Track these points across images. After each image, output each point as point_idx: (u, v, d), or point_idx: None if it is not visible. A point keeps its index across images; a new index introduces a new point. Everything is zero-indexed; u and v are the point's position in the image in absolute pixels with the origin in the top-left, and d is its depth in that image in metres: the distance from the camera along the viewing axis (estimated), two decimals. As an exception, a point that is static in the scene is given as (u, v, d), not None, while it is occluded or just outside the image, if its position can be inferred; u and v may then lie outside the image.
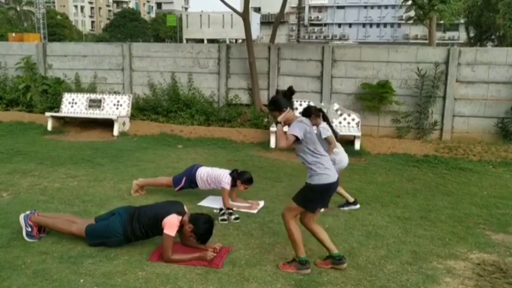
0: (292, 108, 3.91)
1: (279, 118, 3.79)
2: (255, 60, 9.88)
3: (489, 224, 5.01)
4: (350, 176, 6.87)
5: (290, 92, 3.89)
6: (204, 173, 5.41)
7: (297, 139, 3.71)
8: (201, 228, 3.94)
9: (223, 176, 5.27)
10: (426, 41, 15.59)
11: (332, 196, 4.09)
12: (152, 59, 10.72)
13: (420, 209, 5.47)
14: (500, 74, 8.81)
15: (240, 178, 5.25)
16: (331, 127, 5.20)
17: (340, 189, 5.23)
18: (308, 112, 5.04)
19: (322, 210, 4.57)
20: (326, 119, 5.20)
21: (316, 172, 3.73)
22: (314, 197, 3.80)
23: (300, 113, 5.15)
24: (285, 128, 3.84)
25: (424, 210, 5.42)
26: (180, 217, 3.94)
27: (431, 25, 11.63)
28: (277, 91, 4.01)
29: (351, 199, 5.41)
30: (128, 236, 4.03)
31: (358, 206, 5.42)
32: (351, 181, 6.62)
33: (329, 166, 3.81)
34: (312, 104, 7.26)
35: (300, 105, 9.15)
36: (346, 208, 5.34)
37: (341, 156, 5.43)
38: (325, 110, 5.37)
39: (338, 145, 5.38)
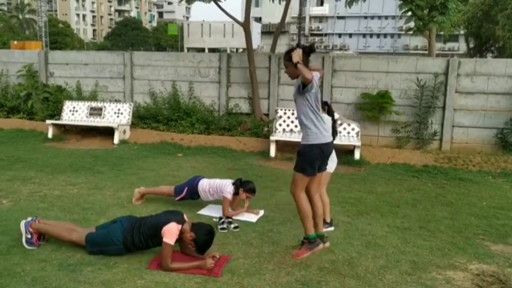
0: (307, 65, 3.90)
1: (294, 59, 3.78)
2: (255, 69, 9.94)
3: (489, 235, 5.01)
4: (349, 186, 6.89)
5: (310, 48, 3.92)
6: (206, 184, 5.43)
7: (304, 87, 3.81)
8: (202, 238, 3.96)
9: (225, 185, 5.28)
10: (426, 52, 15.69)
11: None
12: (153, 68, 10.77)
13: (419, 219, 5.47)
14: (500, 85, 8.86)
15: (244, 187, 5.27)
16: (334, 124, 5.17)
17: (326, 204, 4.89)
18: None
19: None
20: (331, 114, 5.19)
21: (311, 131, 3.86)
22: (311, 158, 3.88)
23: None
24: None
25: (424, 220, 5.42)
26: (180, 226, 3.95)
27: (431, 36, 11.71)
28: (298, 44, 4.02)
29: (328, 219, 4.95)
30: (127, 245, 4.03)
31: (332, 228, 4.96)
32: (350, 190, 6.63)
33: (326, 129, 3.93)
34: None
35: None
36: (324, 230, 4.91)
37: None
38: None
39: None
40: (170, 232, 3.87)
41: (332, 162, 5.30)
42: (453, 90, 9.01)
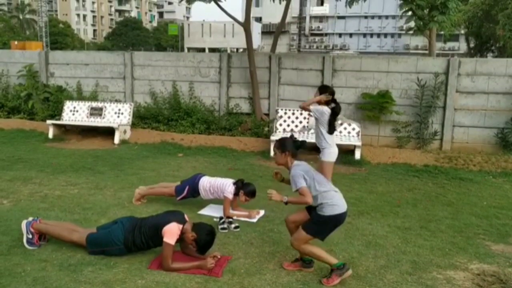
0: (295, 157, 4.04)
1: (276, 199, 3.92)
2: (256, 69, 9.94)
3: (489, 235, 5.01)
4: (350, 186, 6.89)
5: (301, 144, 4.08)
6: (206, 182, 5.43)
7: None
8: (203, 238, 3.97)
9: (226, 185, 5.28)
10: (427, 52, 15.67)
11: None
12: (154, 68, 10.78)
13: (420, 219, 5.47)
14: (500, 85, 8.85)
15: (244, 189, 5.26)
16: (334, 119, 5.26)
17: None
18: (323, 90, 5.43)
19: None
20: (336, 112, 5.25)
21: (327, 203, 3.78)
22: (327, 228, 3.86)
23: (318, 88, 5.62)
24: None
25: (424, 220, 5.41)
26: (180, 226, 3.95)
27: (431, 35, 11.70)
28: (291, 136, 4.20)
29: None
30: (128, 245, 4.04)
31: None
32: (351, 190, 6.62)
33: (338, 198, 3.87)
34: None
35: (301, 114, 9.20)
36: None
37: (331, 148, 5.44)
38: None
39: (331, 138, 5.45)
40: (171, 232, 3.88)
41: (334, 153, 5.37)
42: (453, 89, 9.00)
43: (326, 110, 5.37)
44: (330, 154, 5.48)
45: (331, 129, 5.44)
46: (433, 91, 8.96)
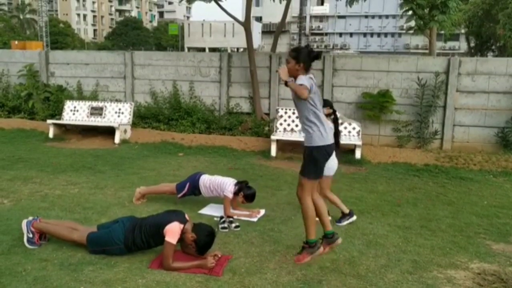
0: (308, 69, 3.95)
1: (281, 76, 3.87)
2: (256, 69, 9.94)
3: (490, 234, 5.00)
4: (350, 185, 6.89)
5: (315, 55, 3.96)
6: (207, 180, 5.43)
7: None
8: (203, 239, 3.98)
9: (227, 184, 5.28)
10: (427, 51, 15.67)
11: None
12: (154, 68, 10.78)
13: (420, 218, 5.47)
14: (500, 84, 8.85)
15: (244, 191, 5.26)
16: (336, 132, 5.20)
17: (335, 199, 5.20)
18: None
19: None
20: (335, 121, 5.22)
21: (315, 133, 3.87)
22: (318, 160, 3.93)
23: None
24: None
25: (425, 219, 5.41)
26: (182, 225, 3.95)
27: (431, 35, 11.69)
28: (307, 46, 4.12)
29: (347, 210, 5.21)
30: (128, 244, 4.03)
31: (354, 217, 5.26)
32: (351, 190, 6.62)
33: (328, 131, 3.95)
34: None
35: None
36: (344, 223, 5.14)
37: (331, 162, 5.34)
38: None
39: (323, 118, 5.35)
40: (173, 232, 3.88)
41: (333, 167, 5.33)
42: (454, 89, 9.00)
43: (331, 125, 5.26)
44: (329, 169, 5.37)
45: (337, 135, 5.34)
46: (434, 90, 8.96)
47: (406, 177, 7.52)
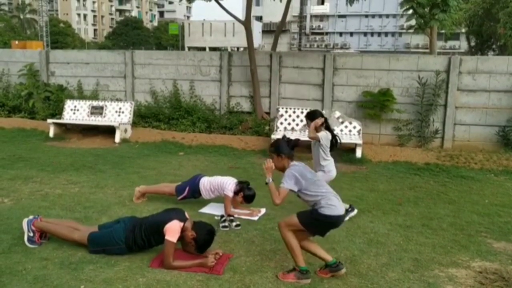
0: (292, 158, 3.98)
1: (271, 165, 3.91)
2: (256, 68, 9.92)
3: (491, 232, 4.99)
4: (351, 184, 6.88)
5: (294, 143, 4.03)
6: (207, 182, 5.43)
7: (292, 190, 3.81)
8: (202, 238, 3.98)
9: (227, 183, 5.28)
10: (427, 50, 15.66)
11: None
12: (154, 67, 10.77)
13: (421, 217, 5.46)
14: (501, 83, 8.83)
15: (245, 192, 5.26)
16: (333, 135, 5.22)
17: None
18: (313, 116, 5.22)
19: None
20: (328, 128, 5.23)
21: (326, 203, 3.73)
22: (322, 226, 3.81)
23: (305, 116, 5.44)
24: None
25: (426, 218, 5.40)
26: (182, 224, 3.94)
27: (432, 34, 11.67)
28: (283, 137, 4.15)
29: (347, 206, 5.16)
30: (129, 244, 4.03)
31: (355, 211, 5.33)
32: (352, 188, 6.62)
33: (337, 199, 3.82)
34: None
35: (302, 112, 9.18)
36: (346, 218, 5.08)
37: (330, 166, 5.32)
38: (328, 118, 5.39)
39: (329, 155, 5.27)
40: (173, 230, 3.87)
41: (334, 168, 5.32)
42: (454, 88, 8.98)
43: (327, 134, 5.26)
44: (329, 173, 5.35)
45: (332, 149, 5.33)
46: (434, 89, 8.94)
47: (407, 176, 7.50)
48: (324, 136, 5.19)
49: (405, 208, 5.79)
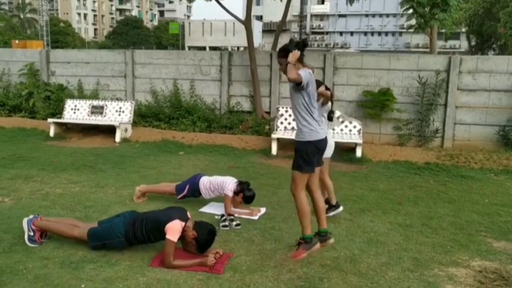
0: (301, 60, 3.99)
1: (289, 59, 3.87)
2: (257, 68, 9.92)
3: (491, 232, 5.00)
4: (351, 183, 6.88)
5: (303, 43, 4.01)
6: (206, 181, 5.43)
7: (298, 84, 3.86)
8: (203, 237, 3.99)
9: (227, 182, 5.28)
10: (428, 50, 15.64)
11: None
12: (155, 66, 10.77)
13: (421, 216, 5.46)
14: (502, 83, 8.83)
15: (245, 193, 5.26)
16: (330, 113, 5.23)
17: (329, 187, 5.21)
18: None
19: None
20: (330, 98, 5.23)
21: (305, 128, 3.90)
22: (308, 155, 3.94)
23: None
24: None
25: (426, 217, 5.41)
26: (183, 223, 3.95)
27: (432, 33, 11.67)
28: (291, 40, 4.12)
29: (334, 201, 5.22)
30: (128, 237, 4.03)
31: (341, 208, 5.28)
32: (352, 188, 6.62)
33: (319, 126, 3.97)
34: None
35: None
36: (330, 214, 5.09)
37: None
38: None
39: (325, 127, 5.02)
40: (174, 229, 3.88)
41: (329, 148, 5.33)
42: (454, 87, 8.99)
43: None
44: (326, 150, 5.40)
45: (330, 118, 5.33)
46: (434, 88, 8.95)
47: (407, 176, 7.51)
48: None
49: (405, 207, 5.80)
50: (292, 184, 4.15)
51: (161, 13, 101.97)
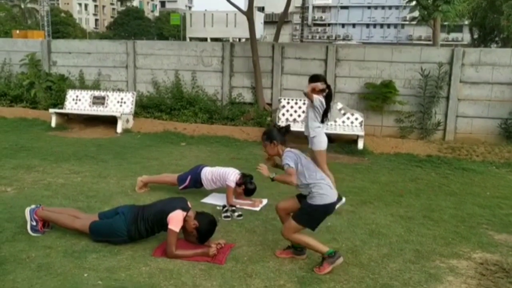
0: (285, 144, 4.03)
1: (264, 175, 3.94)
2: (259, 59, 9.89)
3: (492, 224, 5.01)
4: (353, 175, 6.89)
5: (285, 129, 4.08)
6: (208, 172, 5.44)
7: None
8: (204, 227, 4.00)
9: (229, 174, 5.29)
10: (430, 42, 15.59)
11: None
12: (156, 57, 10.74)
13: (423, 208, 5.47)
14: (504, 75, 8.80)
15: (247, 186, 5.28)
16: (328, 105, 5.27)
17: (331, 178, 5.07)
18: (316, 79, 5.35)
19: None
20: (329, 96, 5.32)
21: (317, 193, 3.79)
22: (317, 217, 3.87)
23: (308, 79, 5.46)
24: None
25: (427, 210, 5.41)
26: (184, 213, 3.96)
27: (435, 25, 11.60)
28: (274, 125, 4.25)
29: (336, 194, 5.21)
30: (132, 235, 4.05)
31: (344, 200, 5.28)
32: (354, 180, 6.63)
33: (329, 187, 3.87)
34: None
35: (304, 104, 9.18)
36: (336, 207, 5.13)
37: (321, 135, 5.39)
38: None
39: (319, 120, 5.38)
40: (176, 220, 3.89)
41: (321, 142, 5.37)
42: (457, 80, 8.96)
43: (322, 100, 5.33)
44: (321, 143, 5.45)
45: (324, 119, 5.42)
46: (437, 81, 8.92)
47: (408, 168, 7.51)
48: (318, 99, 5.29)
49: (407, 199, 5.81)
50: (285, 231, 3.92)
51: (162, 3, 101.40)
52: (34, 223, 4.17)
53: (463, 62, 8.92)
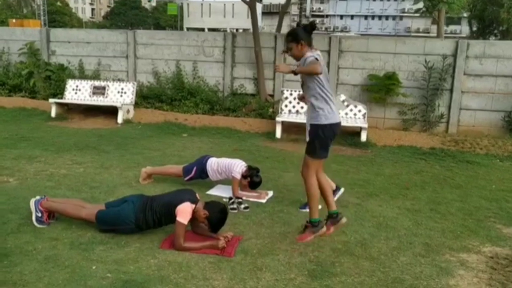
0: (310, 44, 3.93)
1: (284, 71, 3.92)
2: (261, 50, 9.79)
3: (499, 218, 4.98)
4: (357, 168, 6.85)
5: (311, 26, 3.94)
6: (214, 163, 5.37)
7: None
8: (216, 216, 3.93)
9: (235, 165, 5.23)
10: (428, 35, 15.50)
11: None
12: (157, 47, 10.62)
13: (429, 201, 5.44)
14: (509, 68, 8.75)
15: (253, 178, 5.21)
16: None
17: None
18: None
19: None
20: None
21: (323, 111, 3.87)
22: (324, 139, 3.97)
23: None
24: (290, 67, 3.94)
25: (434, 203, 5.38)
26: (193, 205, 3.90)
27: (440, 17, 11.54)
28: (298, 24, 4.07)
29: (334, 186, 5.06)
30: (139, 224, 3.99)
31: (342, 189, 5.24)
32: (359, 172, 6.59)
33: (335, 109, 3.97)
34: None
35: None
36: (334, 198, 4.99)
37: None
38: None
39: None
40: (185, 212, 3.83)
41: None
42: (461, 72, 8.90)
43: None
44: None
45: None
46: (441, 73, 8.86)
47: (412, 160, 7.48)
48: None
49: (412, 192, 5.77)
50: (304, 169, 4.14)
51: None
52: (40, 214, 4.10)
53: (467, 54, 8.85)
